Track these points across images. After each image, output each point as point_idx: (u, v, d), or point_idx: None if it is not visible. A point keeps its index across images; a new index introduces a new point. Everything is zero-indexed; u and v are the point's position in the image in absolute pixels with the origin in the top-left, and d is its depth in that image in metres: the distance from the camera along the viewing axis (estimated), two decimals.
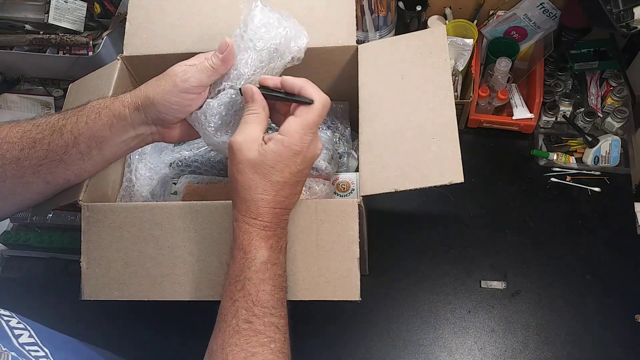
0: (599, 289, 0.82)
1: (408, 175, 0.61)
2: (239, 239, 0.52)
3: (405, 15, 0.98)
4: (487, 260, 0.86)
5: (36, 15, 1.02)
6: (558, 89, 0.98)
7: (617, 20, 0.76)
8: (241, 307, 0.50)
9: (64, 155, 0.57)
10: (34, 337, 0.45)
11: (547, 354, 0.78)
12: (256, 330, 0.49)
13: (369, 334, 0.81)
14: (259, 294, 0.51)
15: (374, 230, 0.75)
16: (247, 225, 0.52)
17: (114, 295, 0.63)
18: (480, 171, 0.94)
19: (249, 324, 0.49)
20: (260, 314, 0.50)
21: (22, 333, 0.44)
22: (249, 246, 0.52)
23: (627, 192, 0.90)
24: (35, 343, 0.44)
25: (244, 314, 0.50)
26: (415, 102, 0.65)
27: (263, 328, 0.50)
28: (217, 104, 0.58)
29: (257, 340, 0.49)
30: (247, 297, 0.50)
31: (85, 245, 0.64)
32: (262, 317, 0.50)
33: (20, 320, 0.45)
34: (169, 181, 0.81)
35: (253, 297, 0.50)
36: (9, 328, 0.43)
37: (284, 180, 0.52)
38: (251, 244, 0.52)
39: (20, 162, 0.56)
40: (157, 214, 0.63)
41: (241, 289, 0.51)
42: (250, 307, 0.50)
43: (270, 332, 0.50)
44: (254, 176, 0.52)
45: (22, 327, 0.45)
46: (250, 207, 0.52)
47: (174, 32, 0.75)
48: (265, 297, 0.51)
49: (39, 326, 0.47)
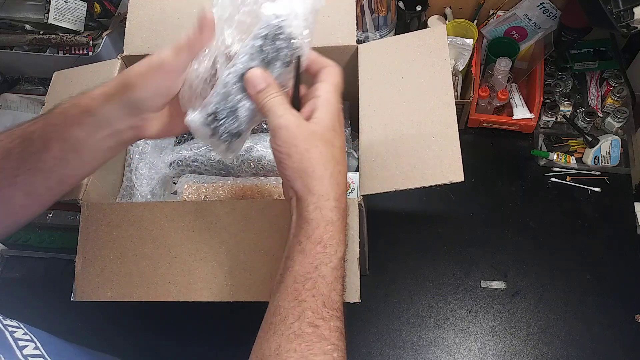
0: (599, 289, 0.82)
1: (408, 174, 0.60)
2: (318, 230, 0.46)
3: (405, 15, 0.98)
4: (487, 260, 0.86)
5: (36, 15, 1.02)
6: (558, 89, 0.98)
7: (617, 20, 0.76)
8: (308, 308, 0.44)
9: (37, 163, 0.52)
10: (39, 349, 0.43)
11: (547, 354, 0.78)
12: (321, 336, 0.44)
13: (369, 334, 0.81)
14: (331, 294, 0.46)
15: (374, 230, 0.74)
16: (331, 213, 0.47)
17: (107, 295, 0.62)
18: (480, 171, 0.94)
19: (314, 328, 0.44)
20: (327, 317, 0.45)
21: (27, 345, 0.43)
22: (331, 239, 0.46)
23: (627, 192, 0.90)
24: (42, 355, 0.43)
25: (310, 316, 0.44)
26: (415, 102, 0.65)
27: (328, 333, 0.44)
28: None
29: (320, 347, 0.44)
30: (318, 297, 0.45)
31: (82, 244, 0.63)
32: (329, 321, 0.45)
33: (26, 332, 0.44)
34: (169, 181, 0.81)
35: (325, 298, 0.45)
36: (13, 339, 0.42)
37: (342, 144, 0.49)
38: (333, 237, 0.46)
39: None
40: (157, 213, 0.63)
41: (312, 287, 0.45)
42: (319, 309, 0.45)
43: (334, 338, 0.45)
44: (326, 148, 0.47)
45: (28, 338, 0.44)
46: (332, 185, 0.47)
47: (174, 31, 0.75)
48: (336, 298, 0.46)
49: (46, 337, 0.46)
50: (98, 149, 0.53)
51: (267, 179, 0.76)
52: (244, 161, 0.79)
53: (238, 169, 0.80)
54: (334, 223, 0.47)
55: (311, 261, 0.46)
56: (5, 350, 0.41)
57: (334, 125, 0.48)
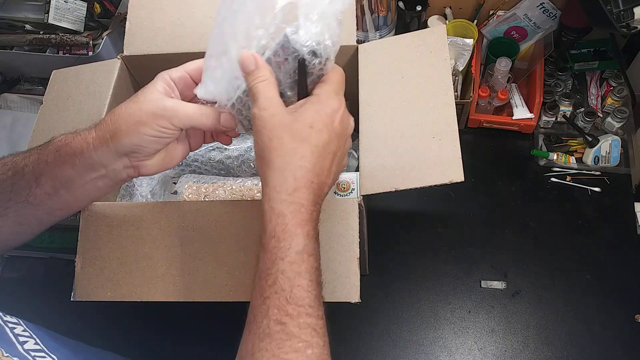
0: (599, 289, 0.82)
1: (408, 174, 0.60)
2: (270, 223, 0.46)
3: (405, 15, 0.98)
4: (487, 260, 0.86)
5: (36, 15, 1.02)
6: (558, 89, 0.98)
7: (617, 20, 0.76)
8: (272, 305, 0.44)
9: (28, 197, 0.52)
10: (40, 345, 0.44)
11: (547, 354, 0.78)
12: (289, 333, 0.43)
13: (369, 334, 0.81)
14: (294, 290, 0.44)
15: (374, 230, 0.75)
16: (281, 205, 0.46)
17: (107, 295, 0.62)
18: (480, 171, 0.94)
19: (281, 326, 0.43)
20: (294, 314, 0.43)
21: (27, 340, 0.43)
22: (283, 232, 0.45)
23: (627, 192, 0.90)
24: (42, 350, 0.43)
25: (275, 313, 0.43)
26: (415, 101, 0.65)
27: (297, 330, 0.43)
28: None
29: (290, 345, 0.42)
30: (280, 294, 0.44)
31: (82, 244, 0.63)
32: (296, 318, 0.43)
33: (26, 328, 0.44)
34: (169, 181, 0.81)
35: (287, 294, 0.44)
36: (14, 335, 0.43)
37: (323, 144, 0.47)
38: (286, 230, 0.45)
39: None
40: (157, 213, 0.63)
41: (273, 283, 0.44)
42: (283, 306, 0.43)
43: (306, 335, 0.43)
44: (291, 141, 0.46)
45: (27, 334, 0.44)
46: (287, 178, 0.46)
47: (174, 32, 0.75)
48: (301, 294, 0.44)
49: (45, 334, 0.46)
50: (91, 187, 0.53)
51: None
52: (244, 161, 0.79)
53: (238, 169, 0.80)
54: (285, 216, 0.45)
55: (269, 256, 0.45)
56: (6, 344, 0.41)
57: (314, 123, 0.47)
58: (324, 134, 0.47)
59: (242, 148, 0.80)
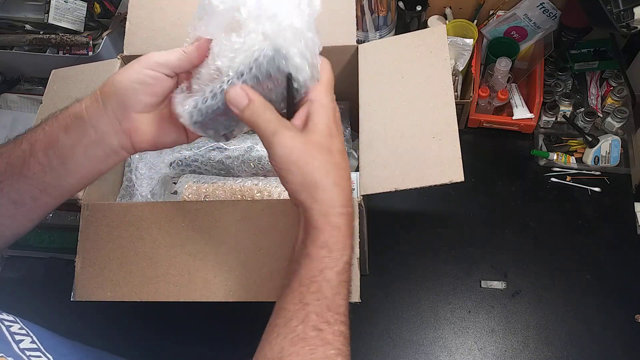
0: (599, 289, 0.82)
1: (408, 174, 0.60)
2: (324, 235, 0.46)
3: (405, 15, 0.98)
4: (487, 260, 0.86)
5: (36, 15, 1.02)
6: (558, 89, 0.98)
7: (617, 20, 0.76)
8: (313, 311, 0.44)
9: (22, 167, 0.51)
10: (36, 343, 0.43)
11: (547, 354, 0.78)
12: (324, 340, 0.44)
13: (369, 334, 0.81)
14: (336, 298, 0.46)
15: (374, 230, 0.75)
16: (338, 219, 0.46)
17: (107, 295, 0.62)
18: (480, 171, 0.94)
19: (317, 332, 0.44)
20: (332, 321, 0.45)
21: (23, 339, 0.43)
22: (337, 244, 0.46)
23: (627, 192, 0.90)
24: (38, 349, 0.43)
25: (314, 319, 0.44)
26: (415, 101, 0.65)
27: (332, 337, 0.44)
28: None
29: (323, 351, 0.43)
30: (323, 301, 0.45)
31: (82, 244, 0.63)
32: (333, 325, 0.45)
33: (23, 326, 0.44)
34: (169, 181, 0.81)
35: (329, 301, 0.45)
36: (10, 333, 0.42)
37: (342, 144, 0.48)
38: (339, 242, 0.46)
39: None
40: (157, 213, 0.63)
41: (316, 291, 0.45)
42: (323, 313, 0.45)
43: (338, 343, 0.45)
44: (324, 156, 0.46)
45: (24, 332, 0.44)
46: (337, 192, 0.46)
47: (174, 31, 0.75)
48: (340, 302, 0.46)
49: (42, 333, 0.46)
50: (82, 157, 0.52)
51: (267, 179, 0.76)
52: (244, 161, 0.79)
53: (238, 169, 0.80)
54: (340, 228, 0.46)
55: (316, 265, 0.46)
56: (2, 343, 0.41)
57: (331, 130, 0.47)
58: (339, 134, 0.48)
59: (242, 148, 0.80)
